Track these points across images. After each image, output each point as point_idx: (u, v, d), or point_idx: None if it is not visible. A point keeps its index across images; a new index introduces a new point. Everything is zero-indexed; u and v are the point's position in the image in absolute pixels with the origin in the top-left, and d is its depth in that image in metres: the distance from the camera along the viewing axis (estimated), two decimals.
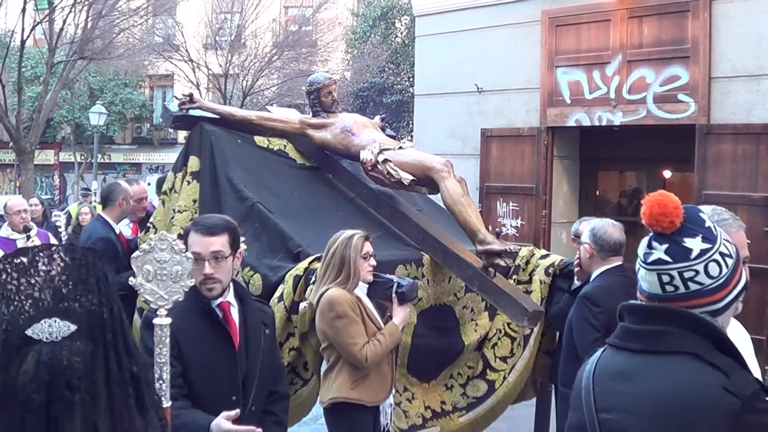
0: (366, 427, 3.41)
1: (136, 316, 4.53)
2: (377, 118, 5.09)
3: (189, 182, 4.27)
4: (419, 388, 4.26)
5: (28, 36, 15.55)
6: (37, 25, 15.93)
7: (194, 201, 4.22)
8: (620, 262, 3.65)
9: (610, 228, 3.62)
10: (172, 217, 4.27)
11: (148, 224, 4.49)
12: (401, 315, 3.44)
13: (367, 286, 3.48)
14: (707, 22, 6.81)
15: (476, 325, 4.48)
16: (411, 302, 3.56)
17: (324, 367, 3.49)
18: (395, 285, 3.42)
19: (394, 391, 3.65)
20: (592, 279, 3.64)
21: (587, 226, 3.72)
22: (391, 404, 3.56)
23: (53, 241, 5.83)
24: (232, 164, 4.27)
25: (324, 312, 3.29)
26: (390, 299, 3.44)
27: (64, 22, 16.56)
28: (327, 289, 3.32)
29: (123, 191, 4.93)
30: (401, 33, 21.99)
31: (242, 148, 4.49)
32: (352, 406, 3.33)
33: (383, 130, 4.95)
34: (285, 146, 4.75)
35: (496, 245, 3.92)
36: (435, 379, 4.38)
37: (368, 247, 3.42)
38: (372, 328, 3.37)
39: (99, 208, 10.94)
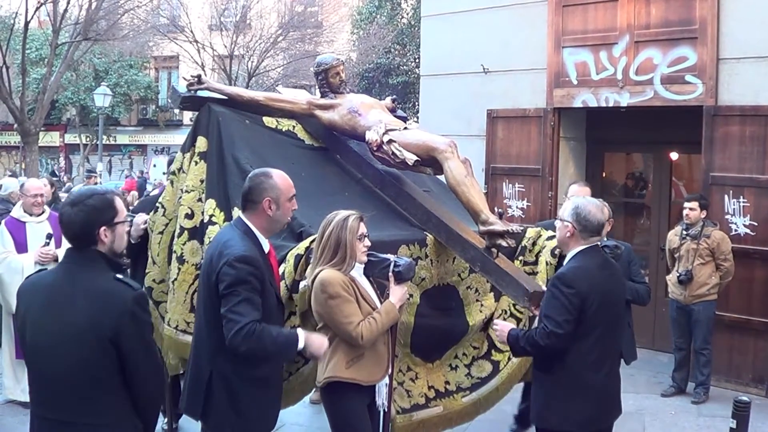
0: (361, 406, 3.43)
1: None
2: (387, 100, 5.07)
3: (197, 162, 4.29)
4: (423, 368, 4.28)
5: (32, 17, 15.47)
6: (41, 6, 15.83)
7: (201, 181, 4.24)
8: (598, 243, 3.52)
9: (594, 208, 3.47)
10: (180, 197, 4.29)
11: (157, 204, 4.51)
12: (398, 294, 3.45)
13: (362, 266, 3.49)
14: (715, 3, 6.74)
15: (481, 305, 4.49)
16: (408, 281, 3.57)
17: None
18: (392, 264, 3.44)
19: (396, 370, 3.65)
20: (567, 259, 3.50)
21: (569, 203, 3.59)
22: (386, 384, 3.56)
23: None
24: (239, 144, 4.28)
25: (317, 293, 3.32)
26: (387, 278, 3.46)
27: (68, 3, 16.49)
28: (320, 271, 3.33)
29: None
30: (407, 13, 21.83)
31: (250, 129, 4.50)
32: (347, 385, 3.36)
33: (393, 111, 4.94)
34: (294, 127, 4.76)
35: (498, 226, 3.93)
36: (439, 359, 4.39)
37: (363, 228, 3.43)
38: (366, 308, 3.39)
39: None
